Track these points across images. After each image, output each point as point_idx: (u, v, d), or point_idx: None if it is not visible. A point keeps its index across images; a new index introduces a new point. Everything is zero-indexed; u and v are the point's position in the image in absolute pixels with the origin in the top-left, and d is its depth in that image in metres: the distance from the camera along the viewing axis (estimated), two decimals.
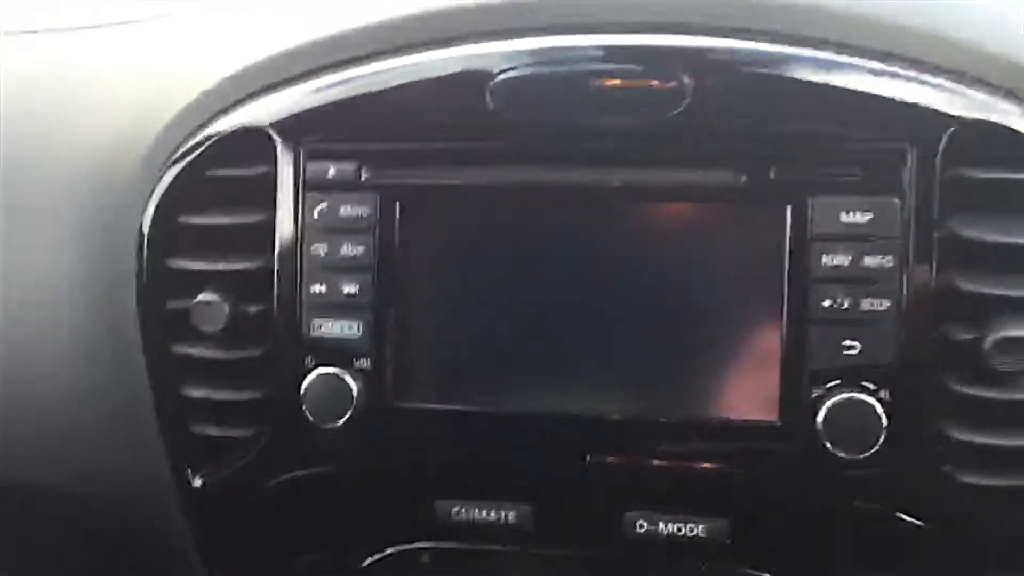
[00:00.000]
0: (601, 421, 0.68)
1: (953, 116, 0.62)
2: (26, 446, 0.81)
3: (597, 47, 0.65)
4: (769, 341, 0.64)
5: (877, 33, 0.63)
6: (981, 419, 0.63)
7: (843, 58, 0.63)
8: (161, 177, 0.73)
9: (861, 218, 0.62)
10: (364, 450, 0.71)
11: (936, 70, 0.63)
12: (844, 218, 0.63)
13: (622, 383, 0.68)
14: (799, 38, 0.63)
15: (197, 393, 0.74)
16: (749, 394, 0.65)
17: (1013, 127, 0.62)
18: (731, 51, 0.64)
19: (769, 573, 0.69)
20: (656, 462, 0.68)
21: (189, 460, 0.75)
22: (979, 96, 0.62)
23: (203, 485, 0.75)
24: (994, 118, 0.62)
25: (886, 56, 0.63)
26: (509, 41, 0.66)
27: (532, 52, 0.66)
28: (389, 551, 0.74)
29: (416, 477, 0.72)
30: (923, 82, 0.62)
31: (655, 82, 0.64)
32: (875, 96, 0.62)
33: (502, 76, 0.65)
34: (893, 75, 0.62)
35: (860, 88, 0.63)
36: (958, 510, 0.65)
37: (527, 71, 0.65)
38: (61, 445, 0.80)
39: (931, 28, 0.63)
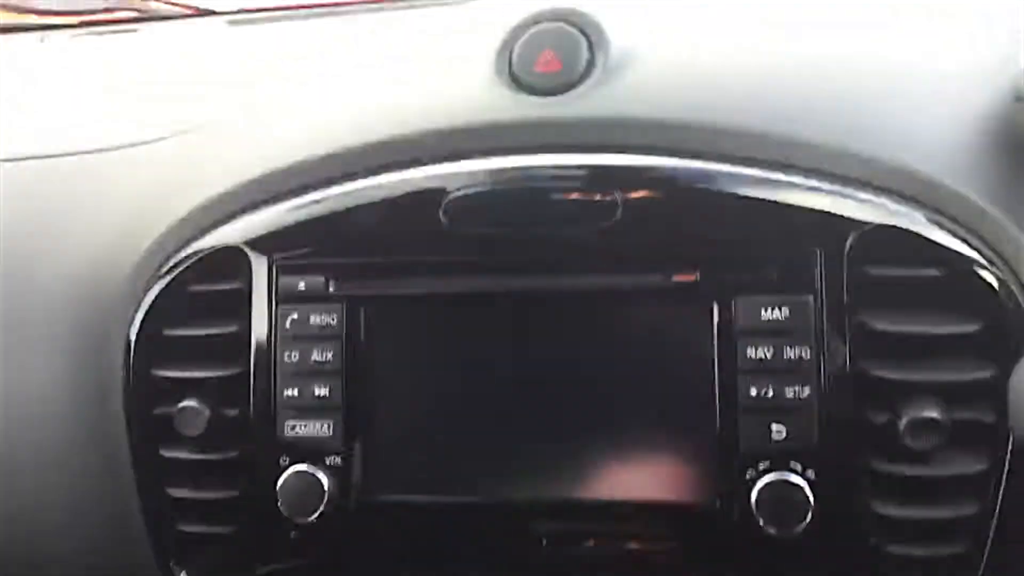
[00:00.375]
0: (557, 507, 0.72)
1: (857, 221, 0.67)
2: (15, 546, 0.84)
3: (539, 166, 0.71)
4: (704, 428, 0.69)
5: (788, 148, 0.69)
6: (902, 494, 0.67)
7: (756, 172, 0.69)
8: (146, 292, 0.78)
9: (780, 314, 0.68)
10: (337, 542, 0.75)
11: (841, 180, 0.68)
12: (764, 315, 0.68)
13: (575, 471, 0.72)
14: (717, 155, 0.69)
15: (181, 493, 0.77)
16: (687, 478, 0.70)
17: (911, 229, 0.67)
18: (655, 168, 0.70)
19: None
20: (609, 543, 0.72)
21: (175, 555, 0.79)
22: (880, 202, 0.68)
23: None
24: (894, 222, 0.67)
25: (796, 169, 0.69)
26: (459, 163, 0.72)
27: (480, 172, 0.72)
28: None
29: (387, 565, 0.75)
30: (829, 191, 0.68)
31: (590, 195, 0.70)
32: (788, 205, 0.68)
33: (453, 195, 0.71)
34: (803, 186, 0.68)
35: (772, 198, 0.68)
36: None
37: (476, 189, 0.71)
38: (49, 545, 0.83)
39: (838, 143, 0.69)
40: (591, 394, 0.71)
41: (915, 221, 0.68)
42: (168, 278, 0.78)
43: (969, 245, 0.67)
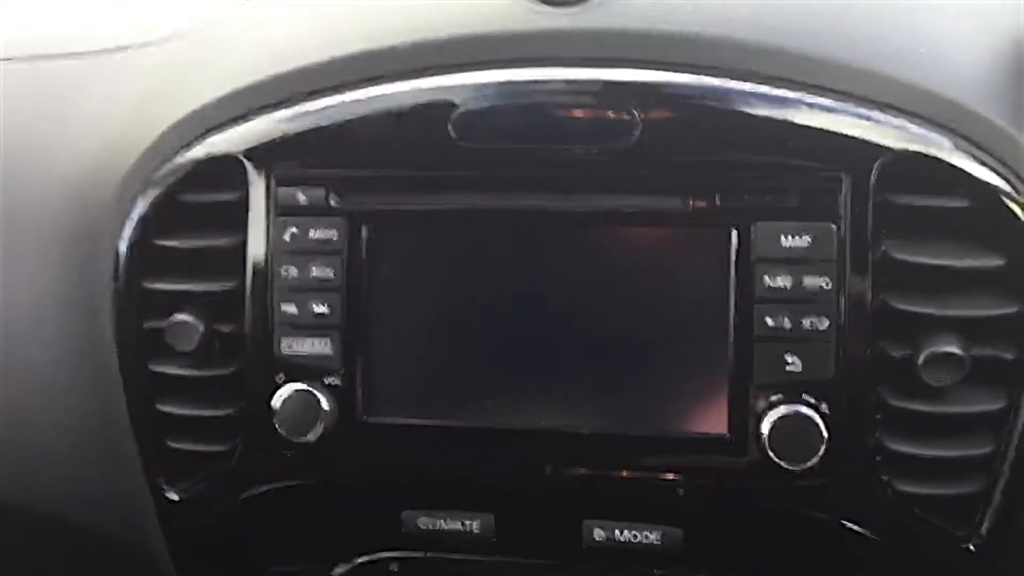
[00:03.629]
0: (560, 434, 0.70)
1: (884, 147, 0.65)
2: (5, 464, 0.83)
3: (550, 79, 0.68)
4: (717, 358, 0.68)
5: (816, 69, 0.67)
6: (916, 431, 0.67)
7: (782, 92, 0.66)
8: (137, 201, 0.75)
9: (800, 242, 0.66)
10: (334, 463, 0.74)
11: (869, 103, 0.66)
12: (785, 242, 0.66)
13: (580, 398, 0.70)
14: (741, 73, 0.67)
15: (172, 409, 0.76)
16: (699, 408, 0.69)
17: (939, 157, 0.65)
18: (678, 85, 0.67)
19: None
20: (612, 473, 0.71)
21: (165, 474, 0.78)
22: (910, 128, 0.65)
23: (179, 498, 0.77)
24: (922, 148, 0.65)
25: (823, 90, 0.66)
26: (470, 73, 0.69)
27: (492, 84, 0.69)
28: (358, 561, 0.76)
29: (383, 488, 0.74)
30: (857, 114, 0.65)
31: (607, 113, 0.67)
32: (812, 127, 0.66)
33: (463, 107, 0.68)
34: (829, 108, 0.66)
35: (798, 120, 0.66)
36: (898, 518, 0.68)
37: (487, 102, 0.68)
38: (37, 462, 0.82)
39: (867, 65, 0.67)
40: (599, 319, 0.70)
41: (943, 148, 0.65)
42: (160, 187, 0.75)
43: (997, 174, 0.65)
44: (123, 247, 0.76)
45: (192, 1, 0.86)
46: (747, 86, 0.66)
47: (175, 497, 0.77)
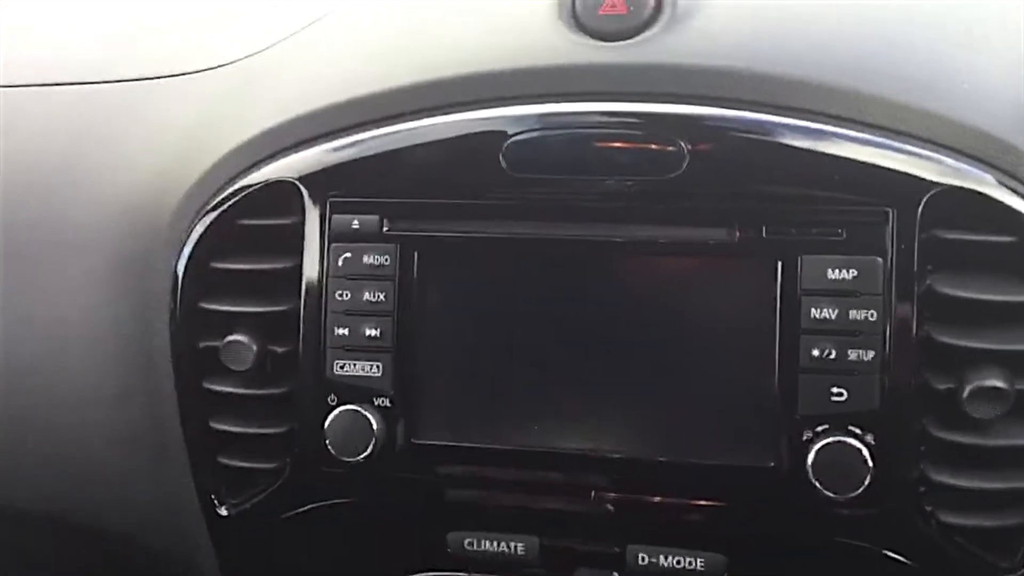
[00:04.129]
0: (605, 459, 0.71)
1: (931, 182, 0.65)
2: (56, 479, 0.85)
3: (601, 112, 0.70)
4: (763, 388, 0.68)
5: (863, 105, 0.67)
6: (960, 463, 0.67)
7: (830, 127, 0.67)
8: (195, 224, 0.77)
9: (847, 275, 0.66)
10: (382, 482, 0.75)
11: (916, 140, 0.66)
12: (831, 275, 0.67)
13: (626, 424, 0.71)
14: (789, 108, 0.67)
15: (225, 426, 0.78)
16: (745, 437, 0.69)
17: (985, 193, 0.65)
18: (725, 119, 0.68)
19: None
20: (657, 499, 0.71)
21: (216, 490, 0.79)
22: (955, 164, 0.66)
23: (229, 514, 0.79)
24: (968, 185, 0.65)
25: (870, 126, 0.67)
26: (523, 106, 0.70)
27: (542, 116, 0.70)
28: None
29: (430, 509, 0.75)
30: (904, 151, 0.66)
31: (655, 145, 0.68)
32: (860, 162, 0.66)
33: (514, 138, 0.70)
34: (877, 144, 0.66)
35: (846, 155, 0.66)
36: (941, 549, 0.68)
37: (538, 134, 0.70)
38: (90, 477, 0.84)
39: (915, 102, 0.67)
40: (645, 347, 0.71)
41: (988, 184, 0.66)
42: (219, 211, 0.77)
43: None
44: (181, 268, 0.77)
45: (243, 30, 0.88)
46: (794, 120, 0.67)
47: (225, 512, 0.79)
